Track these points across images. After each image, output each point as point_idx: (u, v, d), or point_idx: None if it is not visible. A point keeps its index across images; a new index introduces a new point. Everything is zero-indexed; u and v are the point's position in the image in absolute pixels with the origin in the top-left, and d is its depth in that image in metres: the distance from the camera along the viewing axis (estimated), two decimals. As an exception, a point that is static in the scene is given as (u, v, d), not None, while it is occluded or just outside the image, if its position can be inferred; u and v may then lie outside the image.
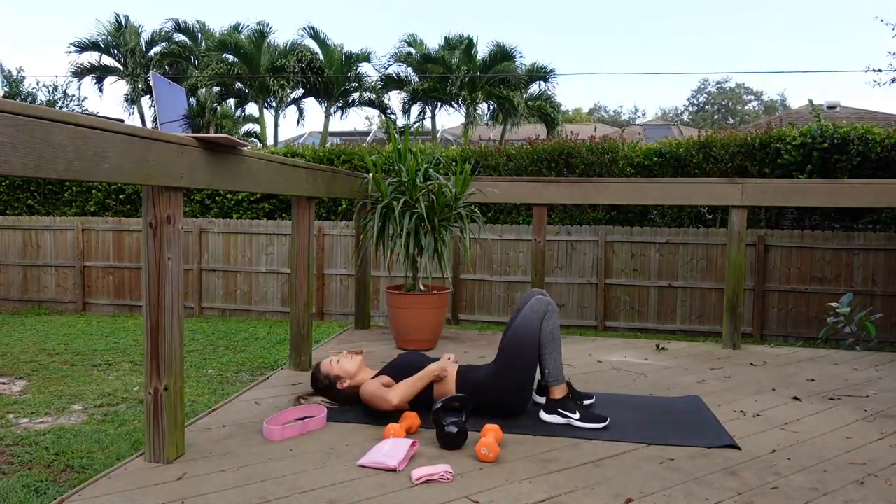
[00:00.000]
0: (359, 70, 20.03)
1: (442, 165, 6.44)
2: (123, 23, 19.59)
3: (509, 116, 18.58)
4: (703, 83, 46.38)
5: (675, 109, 49.47)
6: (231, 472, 2.23)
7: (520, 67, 18.51)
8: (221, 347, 6.71)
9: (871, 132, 6.97)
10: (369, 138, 25.35)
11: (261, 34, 18.84)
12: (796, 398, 3.19)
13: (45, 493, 3.22)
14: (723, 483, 2.19)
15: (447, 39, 18.62)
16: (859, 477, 2.25)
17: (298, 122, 21.41)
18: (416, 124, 19.57)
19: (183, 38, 19.83)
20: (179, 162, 2.22)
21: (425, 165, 4.31)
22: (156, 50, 19.88)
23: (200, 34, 19.80)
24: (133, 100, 20.21)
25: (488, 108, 19.63)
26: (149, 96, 19.80)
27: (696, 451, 2.47)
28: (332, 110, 20.31)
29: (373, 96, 20.45)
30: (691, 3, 74.92)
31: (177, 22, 19.48)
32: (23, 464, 3.61)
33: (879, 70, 12.46)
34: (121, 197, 9.22)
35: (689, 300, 7.46)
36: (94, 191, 9.28)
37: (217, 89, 19.29)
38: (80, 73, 19.86)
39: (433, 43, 21.81)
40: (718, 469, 2.30)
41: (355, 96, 20.59)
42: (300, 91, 20.10)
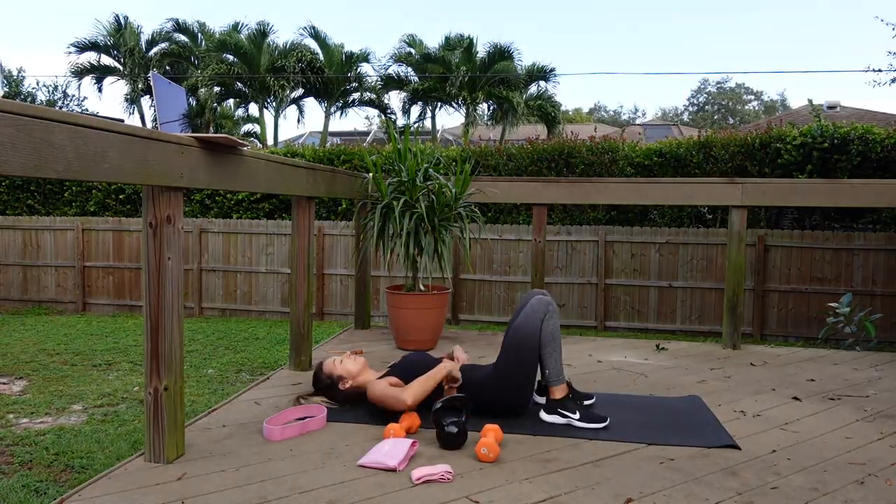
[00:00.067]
0: (359, 70, 20.03)
1: (442, 165, 6.44)
2: (123, 23, 19.60)
3: (509, 116, 18.57)
4: (703, 83, 46.45)
5: (675, 109, 49.53)
6: (231, 472, 2.23)
7: (519, 67, 18.51)
8: (221, 347, 6.71)
9: (871, 132, 6.97)
10: (369, 138, 25.36)
11: (261, 34, 18.84)
12: (796, 398, 3.19)
13: (45, 493, 3.22)
14: (723, 483, 2.19)
15: (447, 39, 18.61)
16: (859, 477, 2.25)
17: (298, 122, 21.47)
18: (416, 124, 19.58)
19: (183, 38, 19.84)
20: (179, 162, 2.22)
21: (425, 165, 4.31)
22: (155, 50, 19.89)
23: (200, 34, 19.80)
24: (133, 100, 20.22)
25: (488, 108, 19.63)
26: (149, 96, 19.81)
27: (696, 451, 2.47)
28: (332, 110, 20.31)
29: (373, 96, 20.46)
30: (691, 4, 74.98)
31: (176, 22, 19.49)
32: (23, 464, 3.61)
33: (879, 70, 12.47)
34: (121, 197, 9.23)
35: (689, 300, 7.47)
36: (94, 191, 9.28)
37: (217, 89, 19.28)
38: (80, 73, 19.87)
39: (433, 43, 21.84)
40: (718, 469, 2.30)
41: (355, 96, 20.59)
42: (300, 91, 20.10)
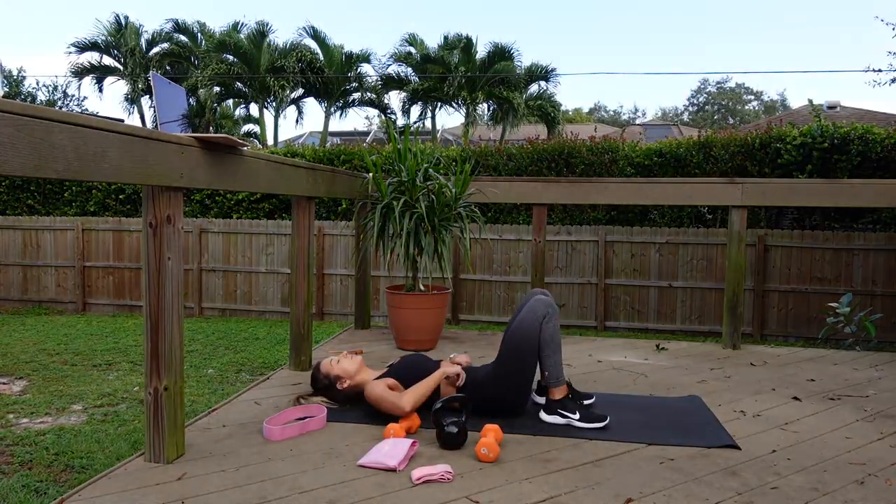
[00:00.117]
0: (359, 70, 20.02)
1: (442, 165, 6.44)
2: (123, 23, 19.60)
3: (509, 116, 18.57)
4: (703, 83, 46.44)
5: (675, 109, 49.52)
6: (231, 472, 2.23)
7: (519, 67, 18.50)
8: (221, 347, 6.70)
9: (871, 132, 6.97)
10: (369, 138, 25.36)
11: (260, 34, 18.83)
12: (796, 398, 3.19)
13: (45, 493, 3.22)
14: (723, 483, 2.19)
15: (447, 39, 18.60)
16: (859, 477, 2.25)
17: (298, 122, 21.37)
18: (416, 124, 19.57)
19: (183, 38, 19.84)
20: (179, 162, 2.22)
21: (425, 165, 4.31)
22: (156, 50, 19.89)
23: (200, 34, 19.80)
24: (133, 100, 20.22)
25: (488, 108, 19.62)
26: (149, 96, 19.81)
27: (696, 451, 2.47)
28: (332, 110, 20.30)
29: (373, 96, 20.45)
30: (691, 3, 74.98)
31: (176, 22, 19.49)
32: (23, 464, 3.61)
33: (879, 70, 12.47)
34: (121, 197, 9.23)
35: (689, 300, 7.47)
36: (94, 191, 9.28)
37: (217, 89, 19.27)
38: (80, 73, 19.86)
39: (433, 43, 21.79)
40: (718, 469, 2.30)
41: (355, 96, 20.58)
42: (300, 91, 20.09)
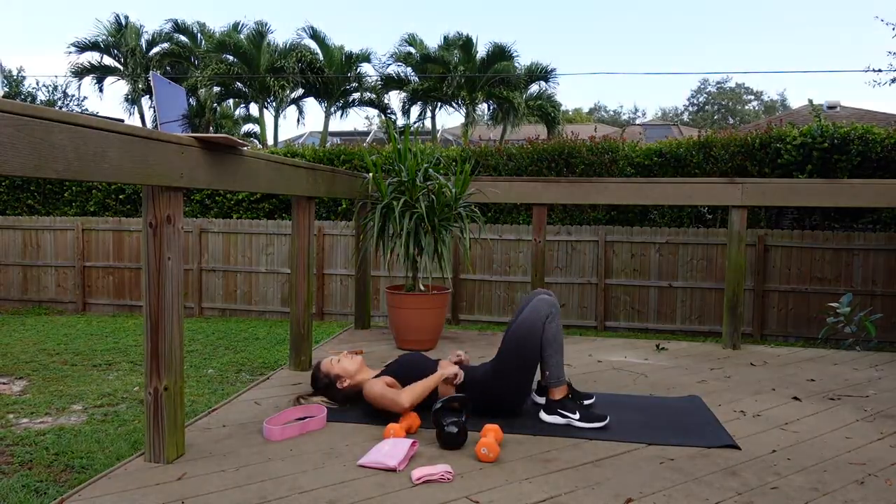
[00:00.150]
0: (359, 70, 20.03)
1: (442, 165, 6.44)
2: (123, 23, 19.60)
3: (509, 116, 18.57)
4: (703, 83, 46.42)
5: (675, 109, 49.51)
6: (231, 472, 2.23)
7: (519, 67, 18.50)
8: (221, 347, 6.70)
9: (871, 132, 6.97)
10: (369, 138, 25.36)
11: (260, 34, 18.84)
12: (796, 398, 3.19)
13: (45, 493, 3.22)
14: (723, 483, 2.19)
15: (447, 39, 18.60)
16: (859, 477, 2.25)
17: (298, 122, 21.46)
18: (416, 124, 19.57)
19: (183, 38, 19.84)
20: (179, 162, 2.22)
21: (425, 165, 4.31)
22: (156, 50, 19.89)
23: (200, 34, 19.80)
24: (133, 100, 20.22)
25: (488, 108, 19.62)
26: (149, 96, 19.81)
27: (696, 451, 2.47)
28: (332, 110, 20.31)
29: (373, 96, 20.45)
30: (691, 3, 74.98)
31: (176, 22, 19.49)
32: (23, 464, 3.61)
33: (879, 70, 12.46)
34: (121, 197, 9.23)
35: (689, 300, 7.46)
36: (94, 191, 9.28)
37: (217, 89, 19.28)
38: (80, 73, 19.86)
39: (433, 43, 21.81)
40: (718, 469, 2.30)
41: (355, 96, 20.59)
42: (300, 91, 20.10)
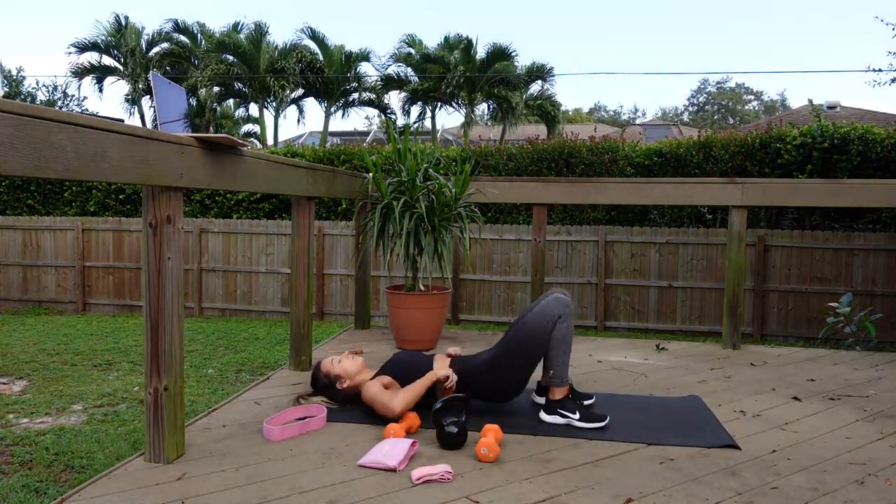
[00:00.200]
0: (358, 70, 20.04)
1: (442, 165, 6.44)
2: (123, 23, 19.61)
3: (508, 116, 18.57)
4: (703, 83, 46.43)
5: (675, 109, 49.52)
6: (231, 472, 2.23)
7: (519, 67, 18.50)
8: (221, 347, 6.70)
9: (871, 132, 6.97)
10: (369, 138, 25.36)
11: (259, 34, 18.84)
12: (796, 398, 3.19)
13: (45, 493, 3.22)
14: (723, 483, 2.19)
15: (447, 39, 18.61)
16: (859, 477, 2.25)
17: (298, 122, 21.49)
18: (416, 124, 19.57)
19: (183, 38, 19.85)
20: (179, 162, 2.22)
21: (425, 165, 4.31)
22: (156, 50, 19.90)
23: (200, 34, 19.81)
24: (133, 100, 20.23)
25: (488, 108, 19.63)
26: (149, 96, 19.81)
27: (696, 451, 2.47)
28: (332, 110, 20.31)
29: (373, 96, 20.46)
30: (691, 3, 74.96)
31: (176, 22, 19.49)
32: (23, 464, 3.61)
33: (879, 70, 12.47)
34: (121, 197, 9.23)
35: (689, 300, 7.46)
36: (94, 191, 9.28)
37: (217, 89, 19.29)
38: (80, 73, 19.87)
39: (433, 43, 21.83)
40: (718, 469, 2.30)
41: (355, 96, 20.59)
42: (300, 91, 20.10)
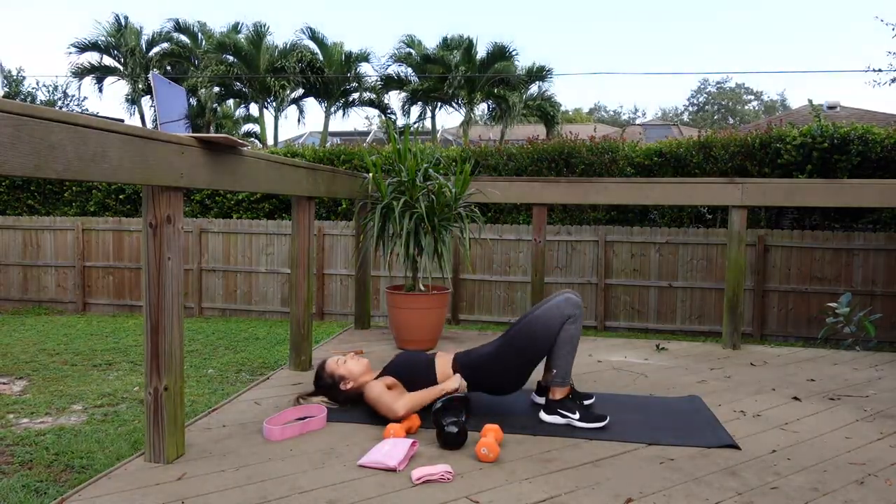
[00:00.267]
0: (358, 70, 20.06)
1: (442, 165, 6.45)
2: (123, 23, 19.62)
3: (508, 116, 18.57)
4: (703, 83, 46.45)
5: (675, 109, 49.51)
6: (231, 472, 2.23)
7: (519, 67, 18.51)
8: (221, 347, 6.70)
9: (871, 132, 6.97)
10: (369, 138, 25.36)
11: (259, 35, 18.84)
12: (796, 398, 3.19)
13: (45, 493, 3.22)
14: (723, 483, 2.19)
15: (446, 40, 18.61)
16: (859, 477, 2.25)
17: (298, 122, 21.49)
18: (416, 124, 19.58)
19: (183, 38, 19.85)
20: (179, 162, 2.22)
21: (425, 165, 4.31)
22: (156, 50, 19.91)
23: (200, 34, 19.81)
24: (133, 100, 20.24)
25: (488, 108, 19.63)
26: (149, 96, 19.81)
27: (696, 451, 2.47)
28: (332, 110, 20.32)
29: (373, 96, 20.47)
30: (691, 3, 74.95)
31: (177, 22, 19.51)
32: (23, 464, 3.61)
33: (879, 70, 12.45)
34: (121, 197, 9.23)
35: (689, 300, 7.46)
36: (94, 191, 9.28)
37: (217, 90, 19.29)
38: (81, 73, 19.88)
39: (433, 43, 21.82)
40: (718, 469, 2.30)
41: (355, 96, 20.61)
42: (300, 91, 20.11)
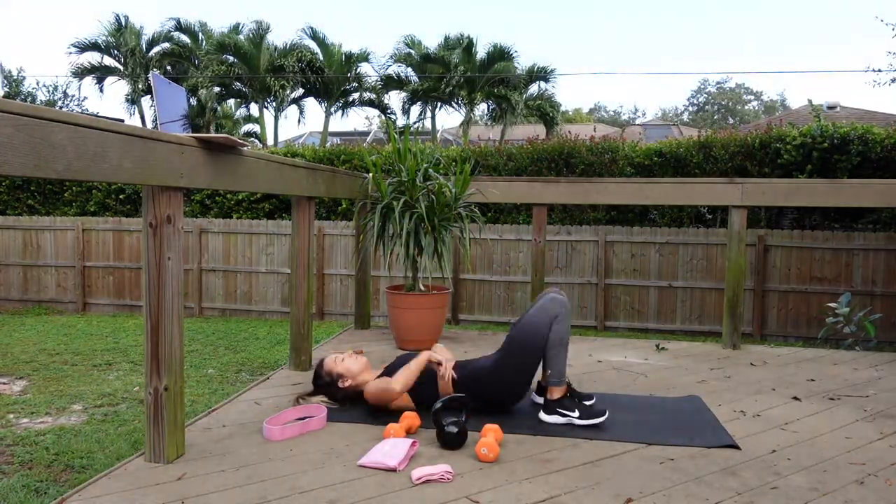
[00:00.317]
0: (358, 70, 20.05)
1: (442, 165, 6.45)
2: (123, 23, 19.61)
3: (508, 116, 18.57)
4: (703, 83, 46.40)
5: (675, 109, 49.47)
6: (231, 472, 2.23)
7: (519, 68, 18.52)
8: (221, 347, 6.70)
9: (871, 132, 6.97)
10: (369, 138, 25.36)
11: (259, 35, 18.84)
12: (796, 398, 3.19)
13: (45, 493, 3.22)
14: (723, 483, 2.19)
15: (447, 39, 18.61)
16: (859, 477, 2.25)
17: (299, 122, 21.50)
18: (416, 124, 19.57)
19: (184, 38, 19.84)
20: (179, 162, 2.22)
21: (425, 165, 4.31)
22: (156, 50, 19.90)
23: (201, 34, 19.81)
24: (133, 100, 20.24)
25: (488, 108, 19.63)
26: (149, 96, 19.81)
27: (696, 451, 2.47)
28: (332, 110, 20.32)
29: (373, 96, 20.46)
30: (691, 3, 74.95)
31: (178, 22, 19.50)
32: (23, 464, 3.61)
33: (879, 70, 12.49)
34: (121, 197, 9.23)
35: (689, 300, 7.46)
36: (94, 191, 9.28)
37: (217, 90, 19.29)
38: (81, 73, 19.88)
39: (433, 43, 21.84)
40: (718, 469, 2.30)
41: (355, 96, 20.60)
42: (300, 91, 20.11)
